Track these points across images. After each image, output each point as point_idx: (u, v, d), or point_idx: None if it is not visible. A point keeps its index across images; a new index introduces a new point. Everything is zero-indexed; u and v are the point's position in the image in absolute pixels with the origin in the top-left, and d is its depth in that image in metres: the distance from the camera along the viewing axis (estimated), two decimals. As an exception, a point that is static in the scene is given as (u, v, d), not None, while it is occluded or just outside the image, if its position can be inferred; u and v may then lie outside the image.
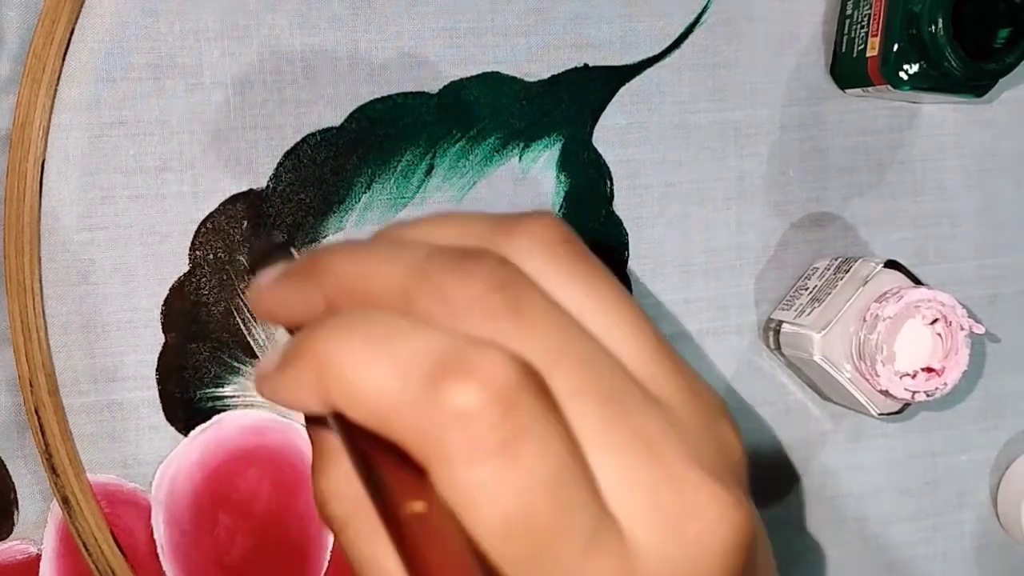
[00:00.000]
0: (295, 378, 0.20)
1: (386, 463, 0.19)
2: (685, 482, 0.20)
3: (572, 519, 0.19)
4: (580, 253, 0.22)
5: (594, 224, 0.41)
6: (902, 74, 0.39)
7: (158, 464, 0.38)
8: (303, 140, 0.38)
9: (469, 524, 0.19)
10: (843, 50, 0.42)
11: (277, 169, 0.38)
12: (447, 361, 0.19)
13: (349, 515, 0.22)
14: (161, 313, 0.38)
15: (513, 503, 0.18)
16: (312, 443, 0.23)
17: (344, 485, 0.22)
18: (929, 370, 0.38)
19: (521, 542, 0.19)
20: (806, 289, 0.41)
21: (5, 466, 0.37)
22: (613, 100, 0.41)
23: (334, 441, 0.22)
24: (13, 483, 0.37)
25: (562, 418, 0.19)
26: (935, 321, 0.38)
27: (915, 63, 0.39)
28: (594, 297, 0.21)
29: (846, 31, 0.42)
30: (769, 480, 0.44)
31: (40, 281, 0.37)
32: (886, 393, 0.38)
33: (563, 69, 0.40)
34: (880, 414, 0.40)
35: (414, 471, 0.19)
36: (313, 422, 0.23)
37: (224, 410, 0.38)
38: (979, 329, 0.38)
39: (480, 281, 0.20)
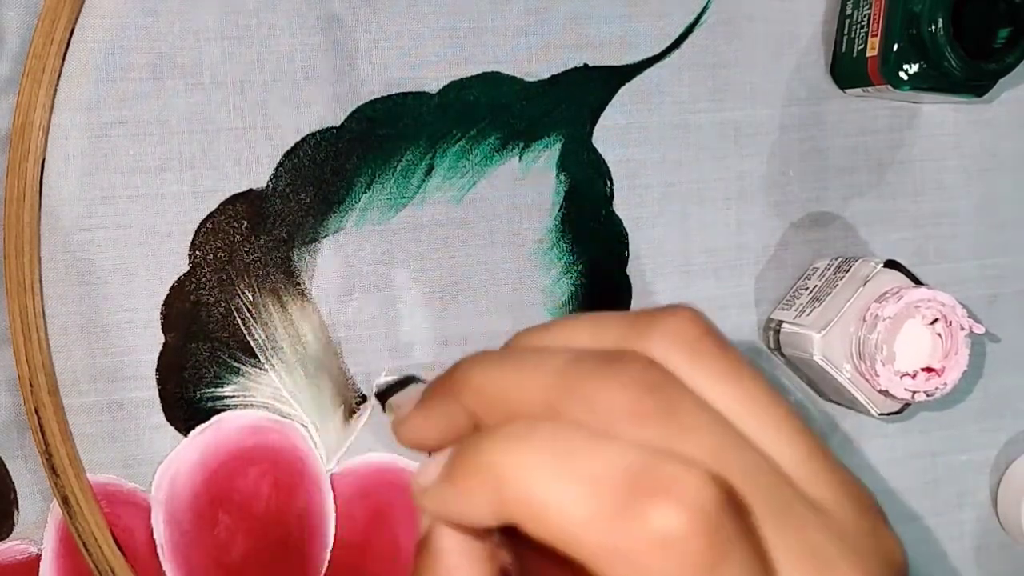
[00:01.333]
0: (467, 491, 0.19)
1: None
2: None
3: None
4: (723, 347, 0.21)
5: (594, 224, 0.41)
6: (902, 74, 0.39)
7: (158, 464, 0.38)
8: (303, 140, 0.38)
9: None
10: (843, 50, 0.42)
11: (277, 169, 0.38)
12: (642, 477, 0.18)
13: None
14: (161, 313, 0.38)
15: None
16: (424, 566, 0.22)
17: None
18: (929, 370, 0.38)
19: None
20: (806, 289, 0.41)
21: (5, 466, 0.37)
22: (613, 100, 0.41)
23: (450, 568, 0.21)
24: (13, 483, 0.37)
25: (760, 539, 0.18)
26: (935, 321, 0.38)
27: (915, 63, 0.39)
28: (744, 395, 0.20)
29: (846, 31, 0.42)
30: (769, 480, 0.44)
31: (40, 281, 0.37)
32: (886, 393, 0.38)
33: (563, 69, 0.40)
34: (880, 414, 0.40)
35: None
36: (435, 543, 0.22)
37: (224, 410, 0.38)
38: (979, 329, 0.38)
39: (629, 385, 0.19)
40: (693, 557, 0.17)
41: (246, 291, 0.38)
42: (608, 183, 0.41)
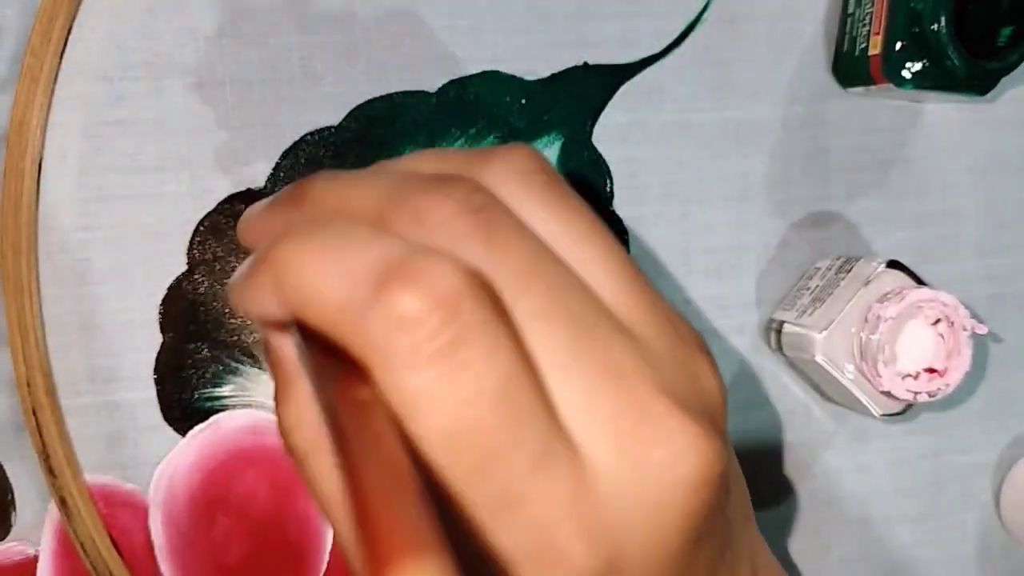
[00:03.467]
0: (257, 284, 0.20)
1: (336, 370, 0.19)
2: (652, 410, 0.20)
3: (520, 435, 0.19)
4: (556, 183, 0.22)
5: (594, 224, 0.41)
6: (905, 73, 0.39)
7: (156, 465, 0.38)
8: (301, 139, 0.38)
9: (412, 433, 0.19)
10: (845, 48, 0.42)
11: (275, 168, 0.38)
12: (395, 266, 0.19)
13: (310, 446, 0.22)
14: (159, 313, 0.38)
15: (455, 412, 0.18)
16: (274, 374, 0.23)
17: (305, 415, 0.22)
18: (931, 371, 0.38)
19: (464, 454, 0.19)
20: (808, 289, 0.41)
21: (2, 467, 0.37)
22: (613, 99, 0.41)
23: (295, 368, 0.22)
24: (10, 484, 0.37)
25: (513, 332, 0.19)
26: (938, 321, 0.38)
27: (918, 62, 0.39)
28: (570, 226, 0.21)
29: (848, 29, 0.42)
30: (771, 481, 0.43)
31: (37, 281, 0.37)
32: (888, 394, 0.38)
33: (563, 67, 0.40)
34: (882, 415, 0.39)
35: (363, 377, 0.19)
36: (274, 350, 0.23)
37: (222, 410, 0.38)
38: (982, 329, 0.38)
39: (453, 203, 0.20)
40: (429, 337, 0.18)
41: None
42: (608, 182, 0.41)
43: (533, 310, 0.20)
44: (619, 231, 0.41)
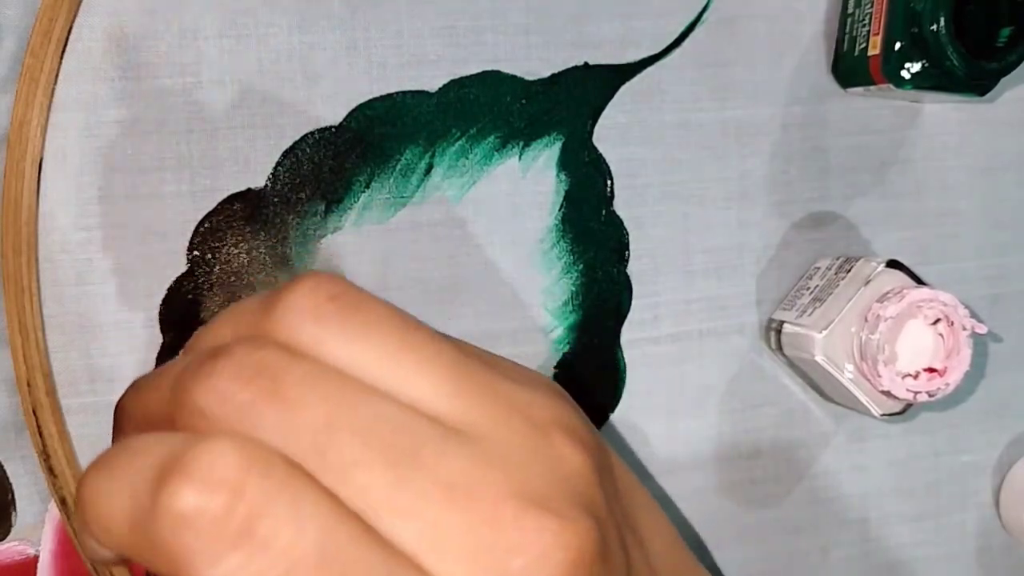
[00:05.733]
0: (79, 529, 0.19)
1: None
2: (502, 520, 0.18)
3: None
4: (350, 306, 0.20)
5: (594, 224, 0.41)
6: (904, 73, 0.39)
7: (156, 465, 0.38)
8: (302, 139, 0.38)
9: None
10: (845, 49, 0.42)
11: (275, 168, 0.38)
12: (167, 466, 0.17)
13: None
14: (159, 313, 0.38)
15: None
16: None
17: None
18: (931, 370, 0.38)
19: None
20: (807, 289, 0.41)
21: (3, 467, 0.37)
22: (614, 99, 0.41)
23: None
24: (11, 484, 0.37)
25: (319, 490, 0.18)
26: (937, 321, 0.38)
27: (917, 62, 0.39)
28: (376, 349, 0.20)
29: (848, 30, 0.42)
30: (771, 481, 0.43)
31: (38, 281, 0.37)
32: (888, 394, 0.38)
33: (563, 68, 0.40)
34: (882, 415, 0.39)
35: None
36: None
37: (222, 411, 0.38)
38: (981, 329, 0.38)
39: (227, 381, 0.19)
40: (219, 526, 0.17)
41: (244, 290, 0.38)
42: (609, 182, 0.41)
43: (343, 460, 0.18)
44: (619, 231, 0.41)
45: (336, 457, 0.18)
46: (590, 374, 0.41)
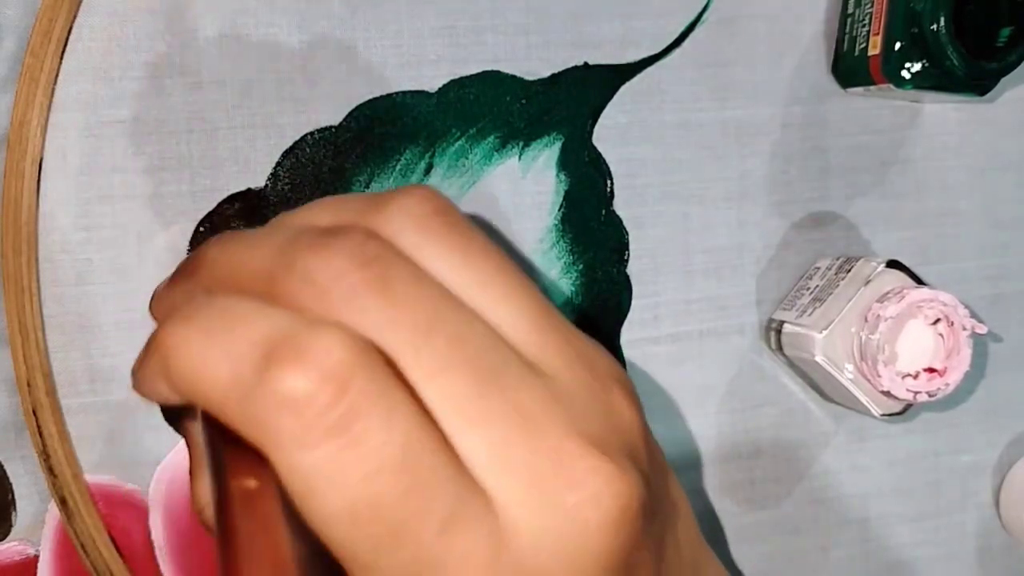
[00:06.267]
0: (149, 371, 0.20)
1: (235, 454, 0.19)
2: (564, 454, 0.19)
3: (426, 500, 0.18)
4: (456, 224, 0.21)
5: (594, 224, 0.41)
6: (904, 73, 0.39)
7: (156, 465, 0.38)
8: (302, 139, 0.38)
9: (312, 514, 0.18)
10: (845, 49, 0.42)
11: (275, 168, 0.38)
12: (279, 344, 0.18)
13: None
14: (159, 313, 0.38)
15: (356, 488, 0.18)
16: (188, 448, 0.23)
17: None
18: (931, 370, 0.38)
19: (369, 528, 0.18)
20: (807, 289, 0.41)
21: (3, 467, 0.37)
22: (613, 99, 0.41)
23: (202, 451, 0.22)
24: (11, 484, 0.37)
25: (410, 396, 0.19)
26: (937, 321, 0.38)
27: (917, 62, 0.39)
28: (472, 268, 0.21)
29: (848, 29, 0.42)
30: (771, 481, 0.43)
31: (38, 281, 0.37)
32: (888, 394, 0.38)
33: (563, 68, 0.40)
34: (882, 415, 0.39)
35: (258, 461, 0.18)
36: (185, 425, 0.22)
37: (222, 410, 0.38)
38: (981, 329, 0.38)
39: (343, 259, 0.19)
40: (319, 416, 0.18)
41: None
42: (608, 182, 0.41)
43: (435, 362, 0.19)
44: (619, 231, 0.41)
45: (429, 358, 0.19)
46: (590, 374, 0.41)
